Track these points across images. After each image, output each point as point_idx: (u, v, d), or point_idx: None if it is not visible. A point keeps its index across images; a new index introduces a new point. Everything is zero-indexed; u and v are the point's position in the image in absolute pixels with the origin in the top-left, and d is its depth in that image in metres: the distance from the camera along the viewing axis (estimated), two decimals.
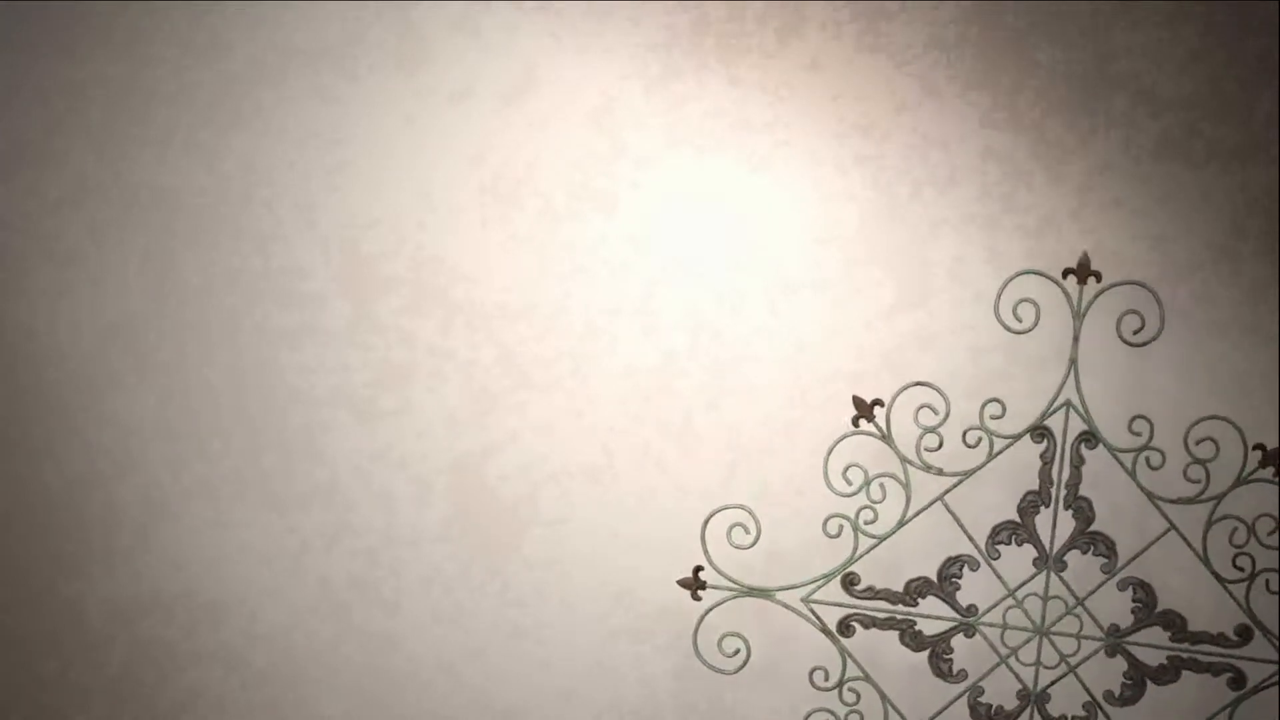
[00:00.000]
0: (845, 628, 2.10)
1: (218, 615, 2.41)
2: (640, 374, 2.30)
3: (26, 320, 2.42)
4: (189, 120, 2.37)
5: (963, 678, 2.08)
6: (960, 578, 2.07)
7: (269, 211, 2.36)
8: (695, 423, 2.29)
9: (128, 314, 2.39)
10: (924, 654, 2.09)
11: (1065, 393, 2.04)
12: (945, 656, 2.09)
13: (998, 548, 2.06)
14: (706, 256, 2.28)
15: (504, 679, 2.36)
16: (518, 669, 2.35)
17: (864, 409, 2.07)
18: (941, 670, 2.09)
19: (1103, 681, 2.05)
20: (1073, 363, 2.04)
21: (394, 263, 2.34)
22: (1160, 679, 2.04)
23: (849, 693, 2.10)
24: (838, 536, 2.07)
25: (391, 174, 2.34)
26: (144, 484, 2.41)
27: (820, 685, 2.11)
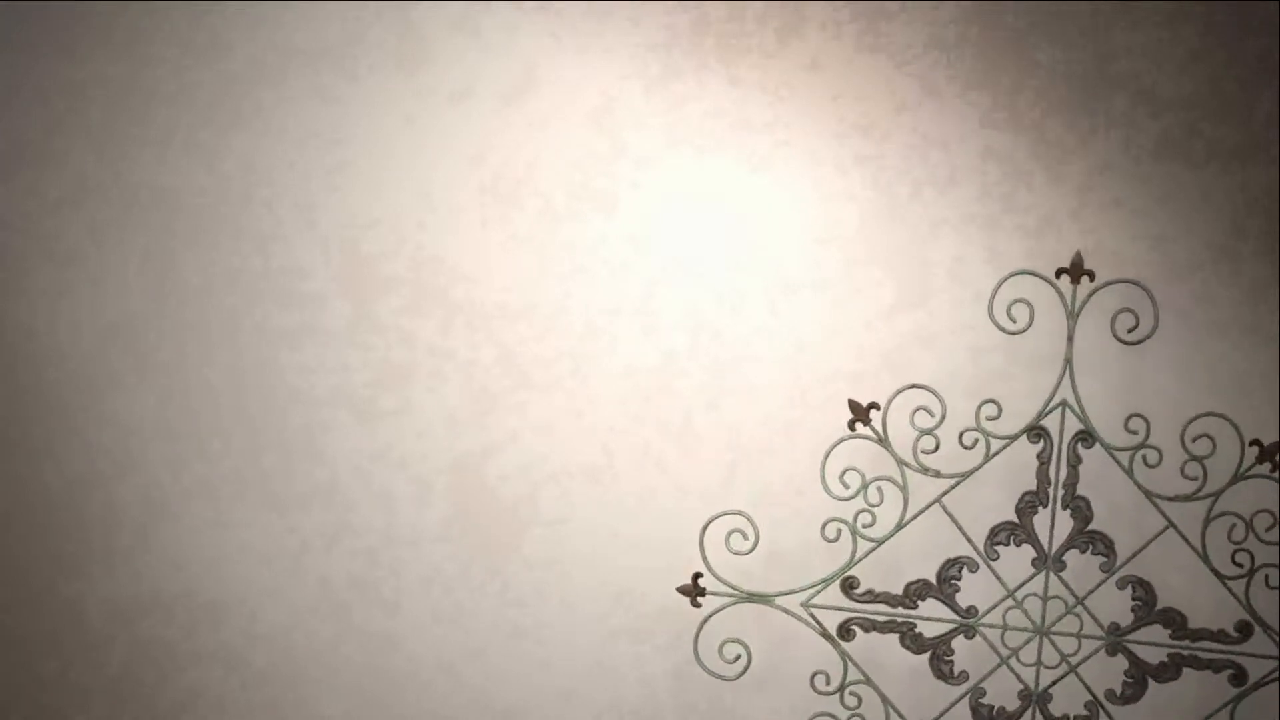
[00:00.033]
0: (845, 631, 2.10)
1: (218, 615, 2.41)
2: (640, 374, 2.29)
3: (26, 320, 2.42)
4: (189, 120, 2.37)
5: (964, 679, 2.08)
6: (959, 579, 2.07)
7: (269, 211, 2.36)
8: (695, 423, 2.28)
9: (128, 314, 2.39)
10: (925, 656, 2.09)
11: (1061, 392, 2.04)
12: (946, 658, 2.09)
13: (996, 549, 2.06)
14: (706, 256, 2.27)
15: (504, 679, 2.36)
16: (518, 669, 2.35)
17: (860, 412, 2.07)
18: (943, 672, 2.09)
19: (1104, 680, 2.05)
20: (1068, 362, 2.04)
21: (394, 263, 2.34)
22: (1161, 677, 2.04)
23: (850, 696, 2.10)
24: (836, 541, 2.07)
25: (391, 174, 2.33)
26: (144, 484, 2.41)
27: (822, 689, 2.11)
